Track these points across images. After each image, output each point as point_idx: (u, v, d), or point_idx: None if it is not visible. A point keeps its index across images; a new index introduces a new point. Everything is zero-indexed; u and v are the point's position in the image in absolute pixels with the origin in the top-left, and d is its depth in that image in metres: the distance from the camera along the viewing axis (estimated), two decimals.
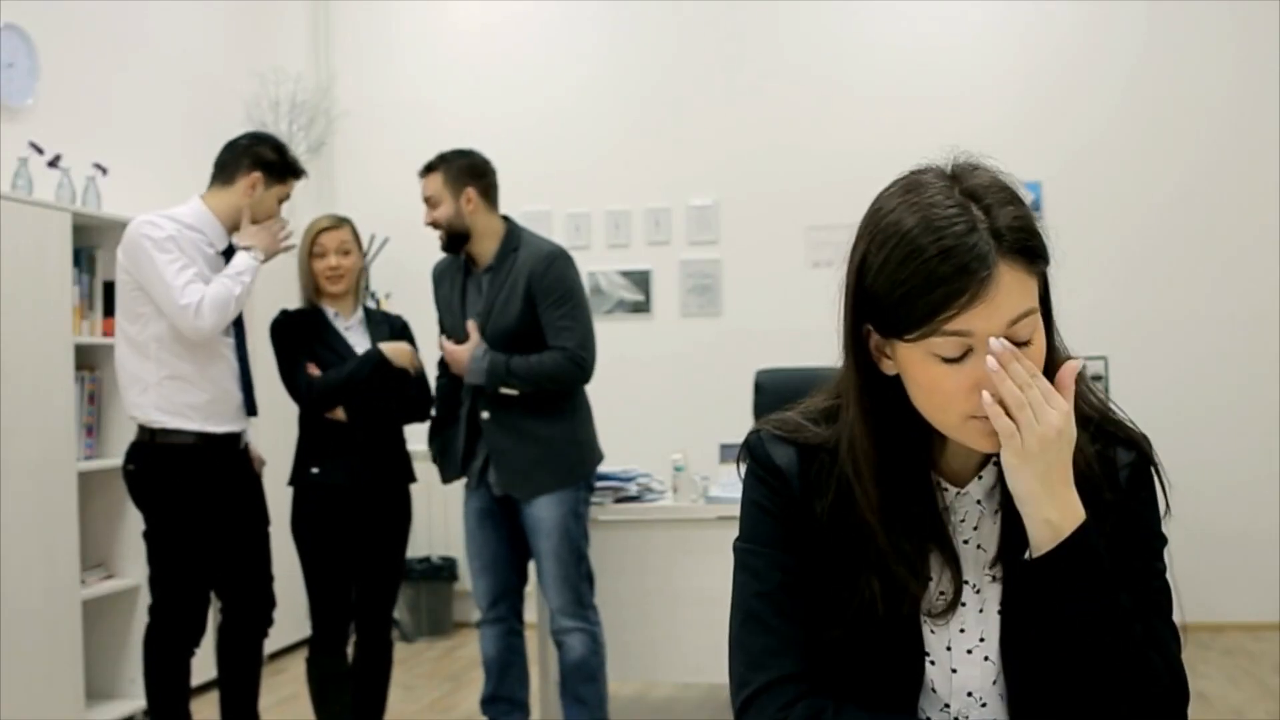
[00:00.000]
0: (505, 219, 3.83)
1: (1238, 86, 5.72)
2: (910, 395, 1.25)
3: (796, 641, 1.29)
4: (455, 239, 3.77)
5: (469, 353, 3.67)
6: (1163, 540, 1.33)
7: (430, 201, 3.77)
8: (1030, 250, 1.19)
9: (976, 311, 1.16)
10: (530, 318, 3.67)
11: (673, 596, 4.17)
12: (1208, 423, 5.64)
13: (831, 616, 1.29)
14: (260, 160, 3.67)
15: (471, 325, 3.68)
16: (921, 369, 1.22)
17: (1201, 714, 4.31)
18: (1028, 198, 1.25)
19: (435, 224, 3.77)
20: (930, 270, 1.16)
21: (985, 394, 1.18)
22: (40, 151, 4.54)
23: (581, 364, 3.71)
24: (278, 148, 3.75)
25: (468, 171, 3.76)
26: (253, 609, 3.71)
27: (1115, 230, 5.74)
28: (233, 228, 3.67)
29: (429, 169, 3.80)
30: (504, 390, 3.66)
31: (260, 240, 3.64)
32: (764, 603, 1.30)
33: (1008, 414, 1.18)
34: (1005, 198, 1.21)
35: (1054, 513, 1.21)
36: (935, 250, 1.16)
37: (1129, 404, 1.40)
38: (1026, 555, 1.24)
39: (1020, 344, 1.19)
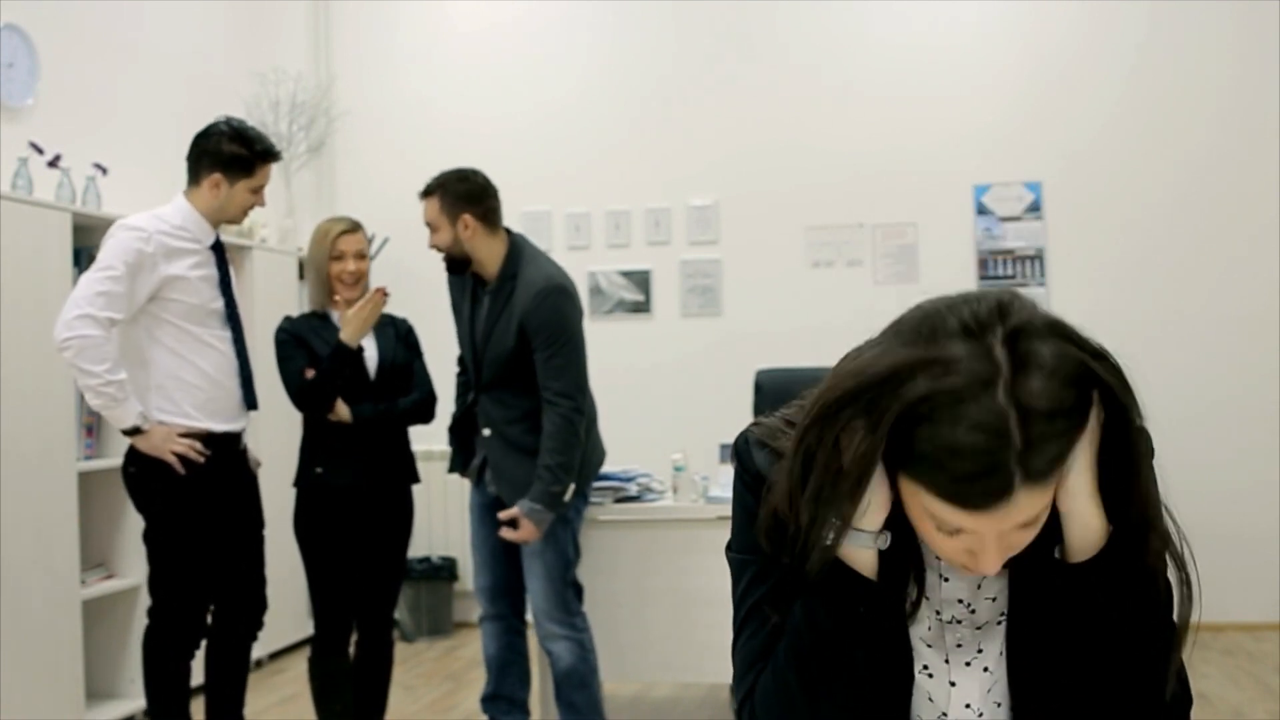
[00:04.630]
0: (509, 234, 3.73)
1: (1237, 86, 5.73)
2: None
3: None
4: (457, 263, 3.71)
5: (526, 524, 3.57)
6: None
7: (430, 226, 3.71)
8: (1058, 470, 1.11)
9: (981, 519, 1.12)
10: (523, 350, 3.61)
11: (673, 596, 4.17)
12: (1208, 423, 5.64)
13: None
14: (219, 159, 3.55)
15: (506, 521, 3.63)
16: (915, 508, 1.17)
17: (1201, 714, 4.30)
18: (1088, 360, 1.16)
19: (437, 249, 3.72)
20: (945, 482, 1.10)
21: None
22: (40, 151, 4.53)
23: (577, 411, 3.61)
24: (238, 138, 3.57)
25: (464, 198, 3.65)
26: (245, 612, 3.71)
27: (1115, 230, 5.73)
28: (216, 223, 3.62)
29: (427, 192, 3.70)
30: (560, 492, 3.60)
31: (154, 440, 3.46)
32: (758, 607, 1.31)
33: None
34: (1055, 408, 1.09)
35: (1095, 518, 1.20)
36: (956, 471, 1.09)
37: None
38: (1057, 554, 1.22)
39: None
